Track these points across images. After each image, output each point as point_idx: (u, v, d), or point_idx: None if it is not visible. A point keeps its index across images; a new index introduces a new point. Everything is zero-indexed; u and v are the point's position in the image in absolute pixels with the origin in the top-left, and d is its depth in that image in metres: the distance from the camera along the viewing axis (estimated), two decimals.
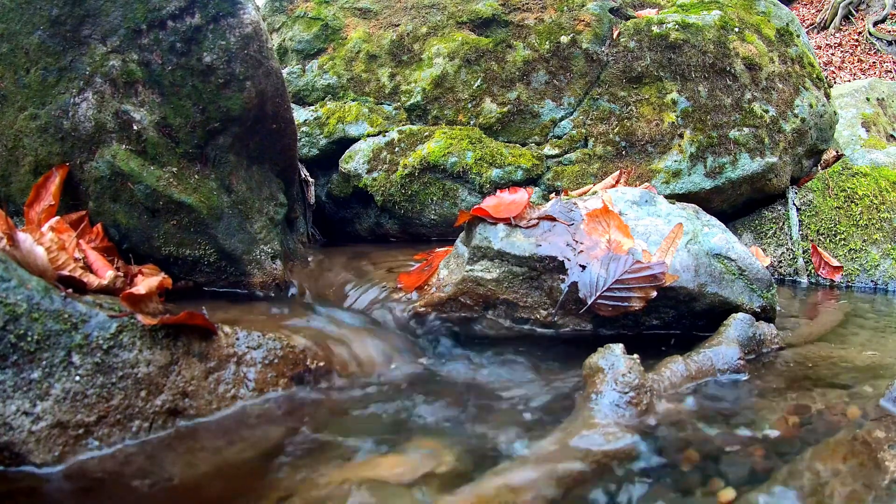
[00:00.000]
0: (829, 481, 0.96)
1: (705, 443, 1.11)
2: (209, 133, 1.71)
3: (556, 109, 2.64)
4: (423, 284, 1.79)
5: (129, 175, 1.64)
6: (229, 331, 1.33)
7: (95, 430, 1.10)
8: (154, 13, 1.62)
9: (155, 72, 1.64)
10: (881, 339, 1.79)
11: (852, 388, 1.32)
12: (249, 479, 1.03)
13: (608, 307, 1.57)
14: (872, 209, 2.69)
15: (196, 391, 1.22)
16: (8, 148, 1.71)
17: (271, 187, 1.94)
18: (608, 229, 1.66)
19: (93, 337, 1.14)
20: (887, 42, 11.25)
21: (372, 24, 2.91)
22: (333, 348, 1.48)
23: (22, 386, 1.07)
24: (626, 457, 1.06)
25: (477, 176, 2.50)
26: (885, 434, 1.04)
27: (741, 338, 1.50)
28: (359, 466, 1.05)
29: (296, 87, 2.89)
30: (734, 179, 2.53)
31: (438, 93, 2.70)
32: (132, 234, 1.70)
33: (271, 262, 1.85)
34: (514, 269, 1.64)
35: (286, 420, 1.24)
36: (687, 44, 2.58)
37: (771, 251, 2.74)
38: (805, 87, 2.82)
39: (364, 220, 2.77)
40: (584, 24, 2.68)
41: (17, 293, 1.10)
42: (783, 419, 1.19)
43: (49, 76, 1.64)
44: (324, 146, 2.75)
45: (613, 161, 2.56)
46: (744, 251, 1.67)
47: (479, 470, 1.02)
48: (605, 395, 1.21)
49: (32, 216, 1.58)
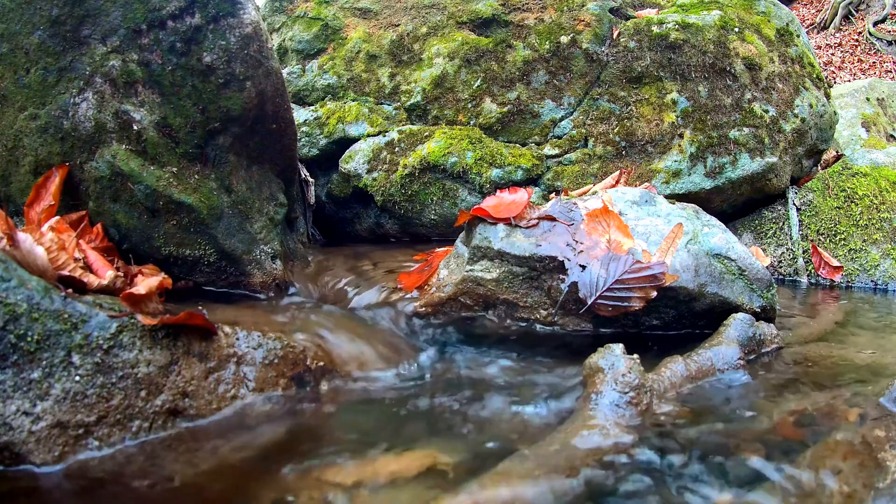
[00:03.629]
0: (829, 481, 0.96)
1: (705, 443, 1.11)
2: (209, 133, 1.71)
3: (556, 109, 2.64)
4: (423, 284, 1.79)
5: (129, 175, 1.64)
6: (229, 331, 1.33)
7: (95, 430, 1.10)
8: (154, 13, 1.62)
9: (155, 72, 1.64)
10: (881, 339, 1.79)
11: (852, 387, 1.32)
12: (249, 479, 1.03)
13: (608, 307, 1.57)
14: (872, 209, 2.69)
15: (196, 391, 1.22)
16: (8, 148, 1.71)
17: (271, 187, 1.94)
18: (608, 229, 1.66)
19: (93, 337, 1.14)
20: (887, 42, 11.26)
21: (372, 24, 2.91)
22: (333, 348, 1.48)
23: (22, 386, 1.07)
24: (626, 457, 1.06)
25: (477, 176, 2.50)
26: (885, 434, 1.04)
27: (741, 338, 1.50)
28: (359, 466, 1.05)
29: (296, 87, 2.89)
30: (734, 179, 2.53)
31: (438, 93, 2.70)
32: (132, 234, 1.70)
33: (271, 262, 1.85)
34: (514, 269, 1.64)
35: (286, 420, 1.24)
36: (687, 44, 2.58)
37: (771, 251, 2.74)
38: (805, 87, 2.82)
39: (364, 220, 2.77)
40: (584, 24, 2.68)
41: (17, 293, 1.10)
42: (783, 419, 1.19)
43: (49, 76, 1.64)
44: (324, 146, 2.75)
45: (613, 161, 2.56)
46: (744, 251, 1.67)
47: (479, 470, 1.02)
48: (605, 395, 1.21)
49: (32, 216, 1.58)
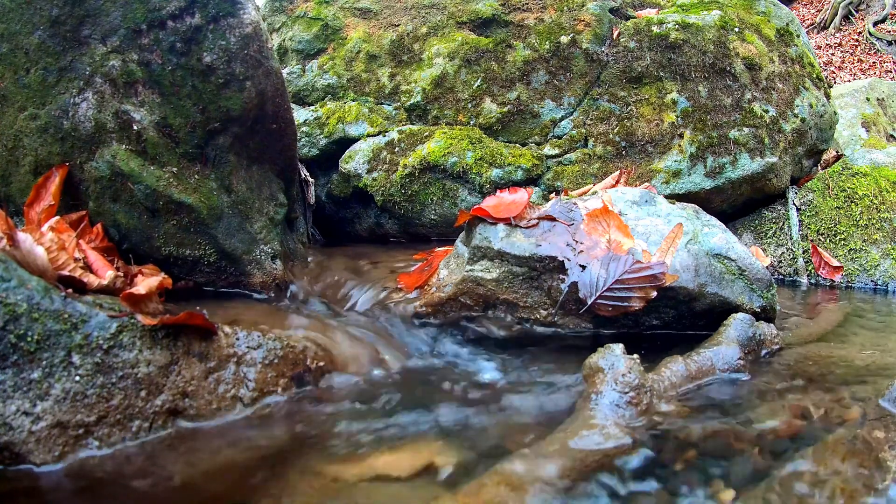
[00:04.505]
0: (829, 481, 0.96)
1: (705, 443, 1.11)
2: (209, 133, 1.71)
3: (556, 109, 2.64)
4: (423, 284, 1.79)
5: (129, 175, 1.64)
6: (229, 331, 1.33)
7: (95, 430, 1.10)
8: (154, 13, 1.62)
9: (155, 72, 1.64)
10: (881, 339, 1.79)
11: (852, 388, 1.32)
12: (249, 479, 1.03)
13: (608, 307, 1.57)
14: (872, 209, 2.69)
15: (196, 391, 1.22)
16: (8, 148, 1.71)
17: (271, 187, 1.94)
18: (608, 229, 1.66)
19: (93, 337, 1.14)
20: (887, 42, 11.26)
21: (372, 24, 2.91)
22: (333, 348, 1.48)
23: (22, 386, 1.07)
24: (626, 457, 1.06)
25: (477, 176, 2.50)
26: (885, 434, 1.04)
27: (741, 338, 1.50)
28: (359, 465, 1.05)
29: (296, 87, 2.89)
30: (734, 179, 2.53)
31: (438, 93, 2.70)
32: (132, 234, 1.70)
33: (271, 262, 1.85)
34: (514, 269, 1.64)
35: (286, 420, 1.24)
36: (687, 44, 2.58)
37: (771, 251, 2.74)
38: (805, 87, 2.82)
39: (364, 220, 2.77)
40: (584, 24, 2.68)
41: (17, 293, 1.10)
42: (783, 419, 1.19)
43: (49, 76, 1.64)
44: (324, 146, 2.75)
45: (613, 161, 2.56)
46: (744, 251, 1.67)
47: (479, 469, 1.02)
48: (604, 395, 1.21)
49: (32, 216, 1.58)
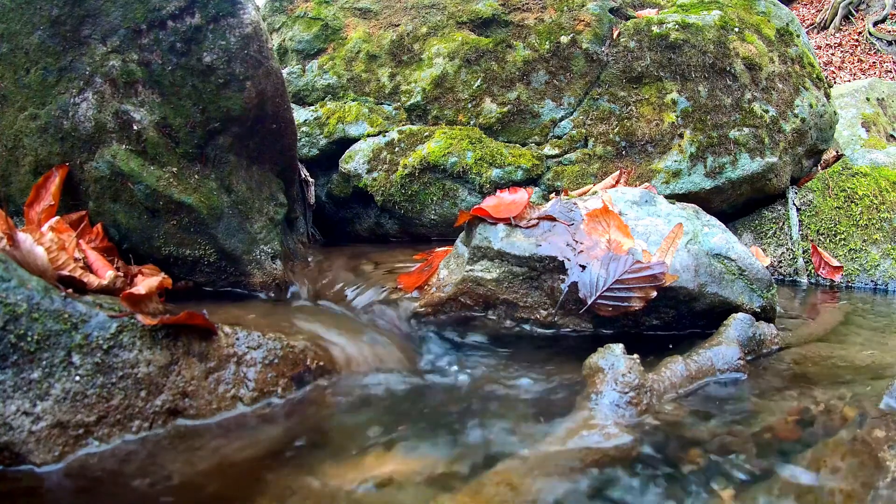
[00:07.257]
0: (829, 481, 0.96)
1: (705, 443, 1.11)
2: (209, 133, 1.71)
3: (556, 109, 2.64)
4: (423, 284, 1.79)
5: (129, 175, 1.64)
6: (229, 331, 1.33)
7: (95, 430, 1.10)
8: (154, 13, 1.62)
9: (155, 72, 1.64)
10: (881, 339, 1.79)
11: (852, 387, 1.32)
12: (249, 479, 1.03)
13: (608, 307, 1.57)
14: (872, 209, 2.69)
15: (196, 391, 1.22)
16: (8, 148, 1.71)
17: (271, 187, 1.94)
18: (608, 229, 1.66)
19: (93, 337, 1.14)
20: (887, 42, 11.25)
21: (372, 24, 2.91)
22: (333, 348, 1.48)
23: (22, 386, 1.07)
24: (626, 457, 1.06)
25: (477, 176, 2.50)
26: (885, 434, 1.04)
27: (741, 338, 1.50)
28: (358, 466, 1.05)
29: (296, 87, 2.89)
30: (734, 179, 2.53)
31: (438, 93, 2.70)
32: (132, 234, 1.70)
33: (271, 262, 1.85)
34: (514, 269, 1.64)
35: (286, 420, 1.24)
36: (687, 44, 2.58)
37: (771, 251, 2.74)
38: (805, 87, 2.82)
39: (364, 220, 2.77)
40: (584, 24, 2.68)
41: (17, 293, 1.10)
42: (783, 419, 1.19)
43: (49, 76, 1.64)
44: (324, 146, 2.75)
45: (613, 161, 2.56)
46: (744, 251, 1.67)
47: (479, 469, 1.02)
48: (605, 395, 1.21)
49: (32, 216, 1.58)
